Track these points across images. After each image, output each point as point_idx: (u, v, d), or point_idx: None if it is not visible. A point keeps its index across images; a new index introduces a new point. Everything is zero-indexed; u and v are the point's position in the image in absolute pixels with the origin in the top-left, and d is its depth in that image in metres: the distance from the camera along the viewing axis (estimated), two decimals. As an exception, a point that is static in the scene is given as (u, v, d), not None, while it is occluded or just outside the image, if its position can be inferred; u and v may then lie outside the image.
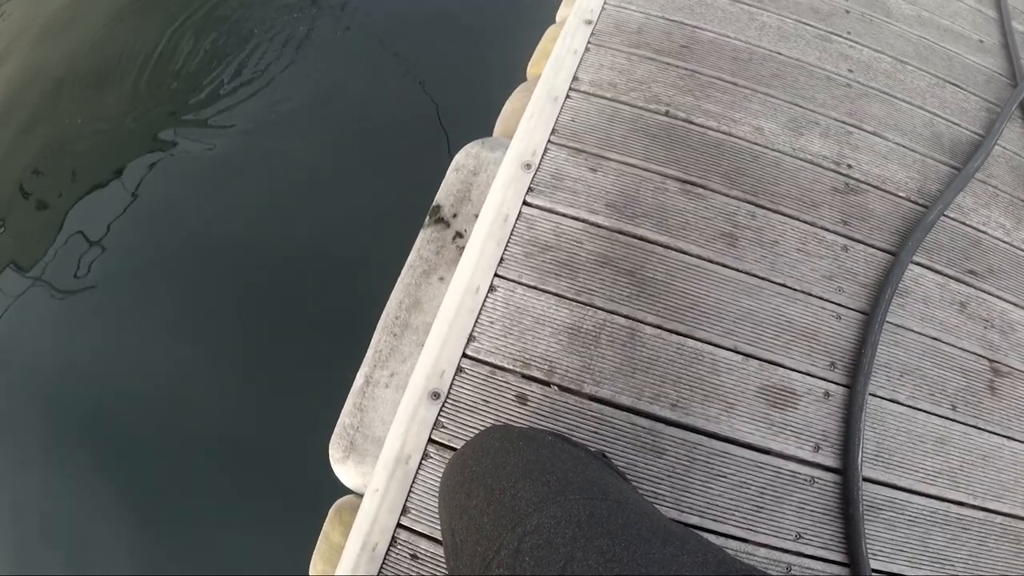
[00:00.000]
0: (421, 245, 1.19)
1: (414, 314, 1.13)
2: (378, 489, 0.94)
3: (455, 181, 1.24)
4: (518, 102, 1.34)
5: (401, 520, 0.91)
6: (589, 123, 1.18)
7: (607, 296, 1.02)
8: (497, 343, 0.99)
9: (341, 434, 1.06)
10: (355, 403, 1.08)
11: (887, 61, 1.43)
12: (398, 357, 1.09)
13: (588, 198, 1.10)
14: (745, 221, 1.11)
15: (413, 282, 1.15)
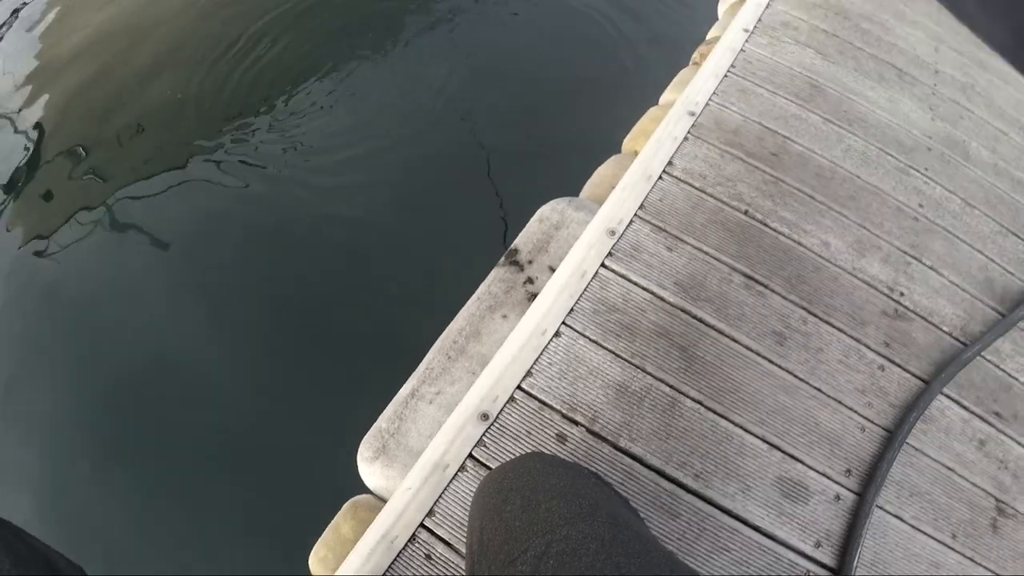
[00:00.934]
0: (492, 282, 1.31)
1: (472, 343, 1.24)
2: (411, 488, 1.05)
3: (537, 231, 1.36)
4: (609, 170, 1.47)
5: (425, 521, 1.01)
6: (675, 206, 1.30)
7: (658, 364, 1.13)
8: (551, 383, 1.11)
9: (376, 435, 1.17)
10: (396, 411, 1.18)
11: (957, 202, 1.52)
12: (447, 378, 1.21)
13: (660, 273, 1.22)
14: (797, 325, 1.21)
15: (477, 313, 1.27)
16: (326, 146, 2.37)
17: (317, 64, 2.64)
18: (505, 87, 2.44)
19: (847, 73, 1.69)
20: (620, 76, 2.39)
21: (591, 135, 1.96)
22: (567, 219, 1.36)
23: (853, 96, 1.62)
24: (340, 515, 1.15)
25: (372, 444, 1.17)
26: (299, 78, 2.61)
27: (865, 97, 1.63)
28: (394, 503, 1.05)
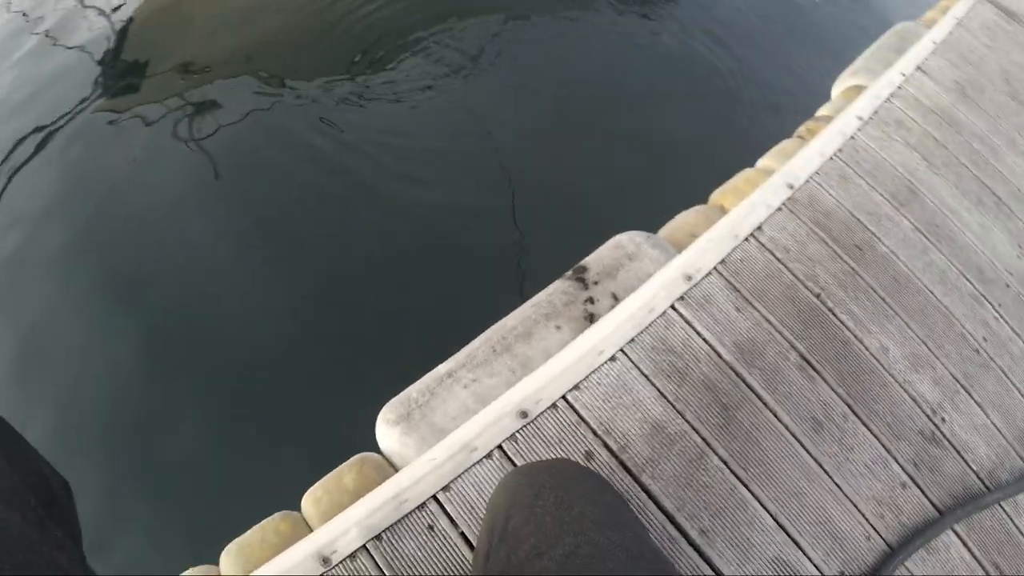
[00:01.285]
0: (554, 292, 1.33)
1: (520, 343, 1.27)
2: (435, 459, 1.08)
3: (609, 256, 1.38)
4: (691, 219, 1.48)
5: (439, 494, 1.05)
6: (753, 270, 1.32)
7: (697, 415, 1.15)
8: (594, 402, 1.13)
9: (404, 402, 1.19)
10: (429, 385, 1.21)
11: (1020, 346, 1.52)
12: (487, 370, 1.23)
13: (723, 330, 1.24)
14: (837, 418, 1.23)
15: (532, 317, 1.29)
16: (411, 128, 2.38)
17: (432, 38, 2.65)
18: (610, 108, 2.44)
19: (947, 187, 1.68)
20: (721, 130, 2.38)
21: (678, 178, 1.97)
22: (642, 253, 1.38)
23: (948, 212, 1.62)
24: (346, 465, 1.18)
25: (397, 409, 1.20)
26: (405, 47, 2.63)
27: (959, 216, 1.63)
28: (413, 469, 1.08)
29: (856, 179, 1.56)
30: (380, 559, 1.02)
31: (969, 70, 2.02)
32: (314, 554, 1.02)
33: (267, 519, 1.18)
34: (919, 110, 1.82)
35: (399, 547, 1.02)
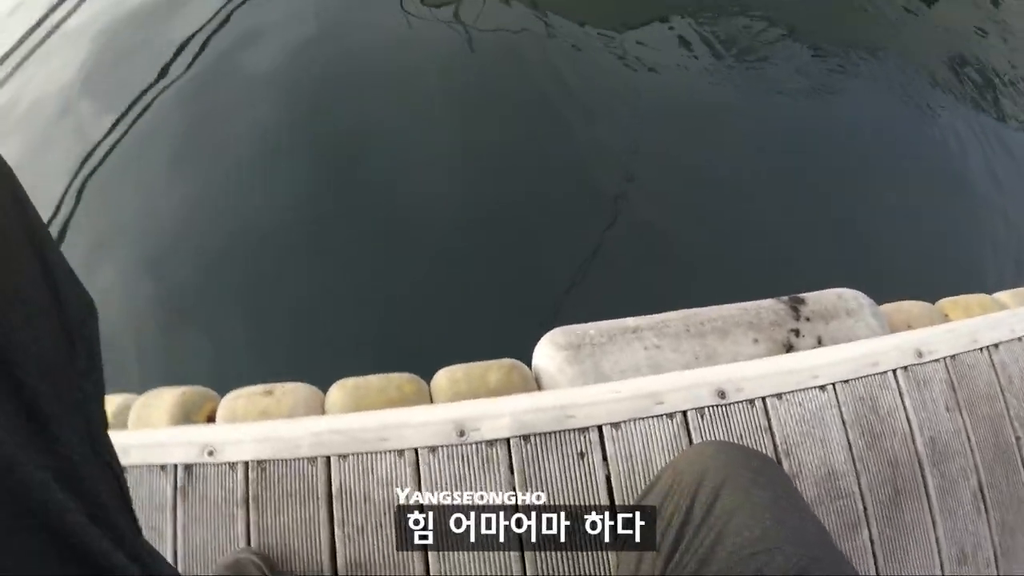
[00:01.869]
0: (765, 307, 1.28)
1: (713, 336, 1.22)
2: (618, 393, 1.06)
3: (829, 302, 1.31)
4: (914, 310, 1.39)
5: (606, 427, 1.03)
6: (975, 380, 1.24)
7: (870, 485, 1.11)
8: (789, 419, 1.09)
9: (580, 334, 1.16)
10: (611, 332, 1.18)
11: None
12: (673, 344, 1.19)
13: (927, 419, 1.18)
14: (981, 562, 1.18)
15: (735, 319, 1.24)
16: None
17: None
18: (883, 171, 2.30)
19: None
20: (973, 241, 2.23)
21: (912, 267, 1.89)
22: (861, 315, 1.31)
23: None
24: (496, 363, 1.16)
25: (570, 337, 1.17)
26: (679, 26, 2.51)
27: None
28: (592, 392, 1.06)
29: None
30: (516, 458, 1.01)
31: None
32: (452, 422, 1.01)
33: (394, 374, 1.17)
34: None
35: (542, 457, 1.01)
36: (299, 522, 1.00)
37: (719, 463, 0.71)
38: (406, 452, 1.01)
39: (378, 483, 1.01)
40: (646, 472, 1.02)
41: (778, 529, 0.59)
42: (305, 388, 1.14)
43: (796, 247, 1.99)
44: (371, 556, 0.99)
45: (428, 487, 1.00)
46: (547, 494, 1.00)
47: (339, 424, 1.02)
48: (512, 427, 1.01)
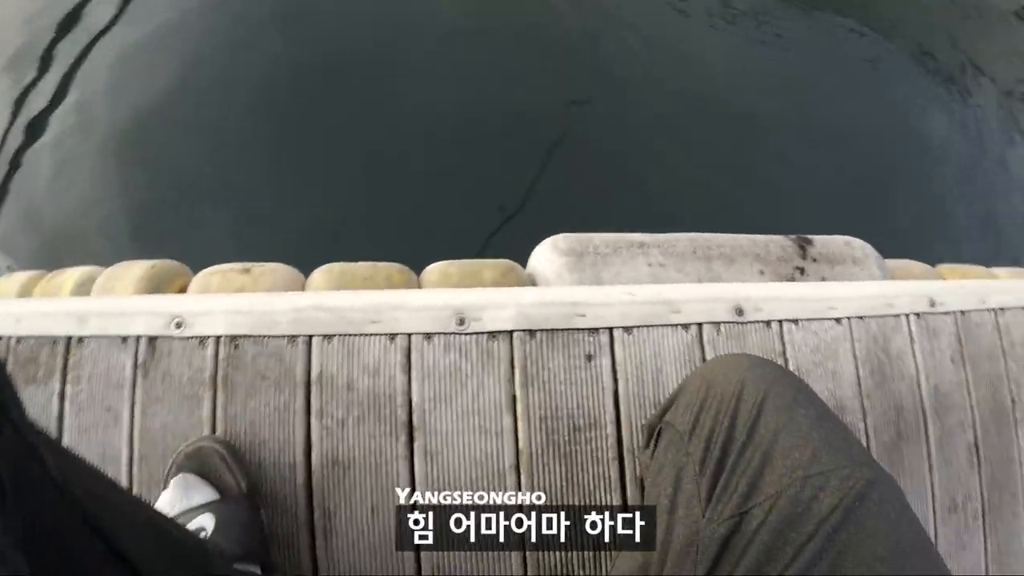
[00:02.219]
0: (773, 241, 1.27)
1: (719, 262, 1.20)
2: (633, 296, 1.02)
3: (836, 248, 1.31)
4: (915, 270, 1.42)
5: (617, 330, 0.98)
6: (980, 339, 1.24)
7: (875, 424, 1.09)
8: (803, 346, 1.07)
9: (583, 242, 1.12)
10: (616, 244, 1.14)
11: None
12: (678, 264, 1.16)
13: (934, 367, 1.17)
14: (969, 513, 1.17)
15: (743, 248, 1.22)
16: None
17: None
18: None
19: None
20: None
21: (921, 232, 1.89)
22: (867, 264, 1.30)
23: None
24: (492, 263, 1.12)
25: (573, 244, 1.12)
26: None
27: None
28: (607, 293, 1.02)
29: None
30: (519, 354, 0.95)
31: None
32: (452, 308, 0.94)
33: (383, 263, 1.10)
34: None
35: (547, 356, 0.95)
36: (272, 409, 0.89)
37: (757, 376, 0.68)
38: (398, 337, 0.93)
39: (364, 370, 0.92)
40: (655, 382, 0.98)
41: (828, 451, 0.56)
42: (286, 269, 1.05)
43: (808, 193, 1.98)
44: (351, 453, 0.90)
45: (420, 378, 0.92)
46: (548, 396, 0.94)
47: (326, 301, 0.94)
48: (517, 319, 0.94)
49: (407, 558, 0.89)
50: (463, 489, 0.91)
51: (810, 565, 0.50)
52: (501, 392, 0.94)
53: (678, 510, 0.63)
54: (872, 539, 0.50)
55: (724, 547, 0.55)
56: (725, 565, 0.55)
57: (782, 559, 0.51)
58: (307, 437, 0.90)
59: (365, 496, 0.90)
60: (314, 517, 0.89)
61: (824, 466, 0.54)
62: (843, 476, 0.53)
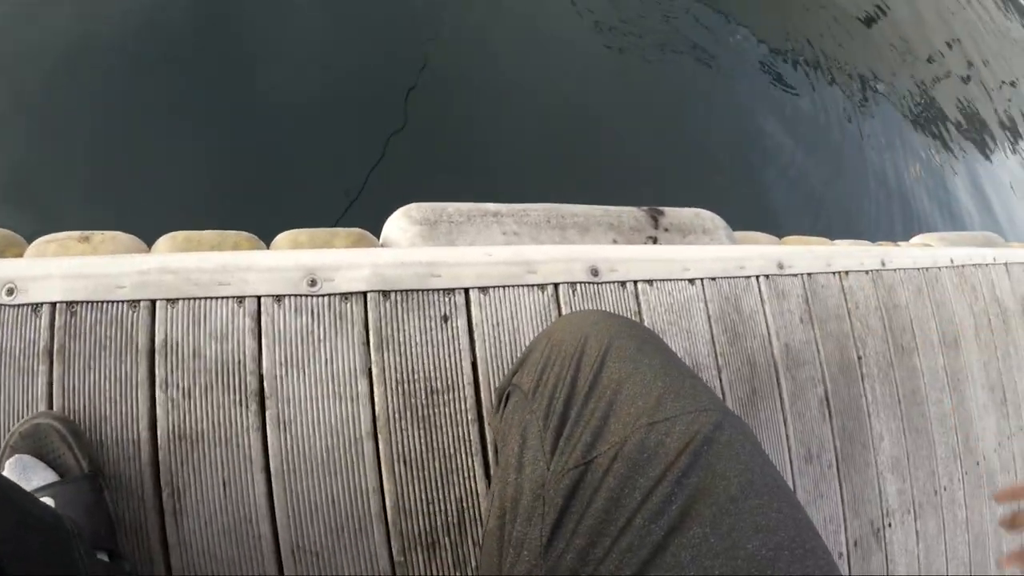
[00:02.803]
0: (626, 212, 1.31)
1: (573, 231, 1.21)
2: (491, 256, 1.03)
3: (687, 219, 1.37)
4: (762, 239, 1.49)
5: (473, 290, 0.99)
6: (827, 300, 1.34)
7: (731, 380, 1.15)
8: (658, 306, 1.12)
9: (437, 212, 1.12)
10: (471, 214, 1.14)
11: (963, 514, 1.61)
12: (532, 233, 1.18)
13: (783, 326, 1.25)
14: (824, 462, 1.25)
15: (597, 218, 1.25)
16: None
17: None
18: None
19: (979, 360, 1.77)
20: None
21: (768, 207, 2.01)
22: (716, 235, 1.37)
23: (970, 377, 1.70)
24: (344, 231, 1.09)
25: (427, 214, 1.12)
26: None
27: (974, 387, 1.71)
28: (462, 253, 1.02)
29: (926, 299, 1.62)
30: (373, 316, 0.94)
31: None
32: (304, 269, 0.92)
33: (231, 231, 1.06)
34: (990, 291, 1.91)
35: (402, 317, 0.94)
36: (113, 381, 0.83)
37: (601, 330, 0.68)
38: (247, 300, 0.90)
39: (211, 336, 0.88)
40: (513, 342, 0.99)
41: (673, 397, 0.56)
42: (128, 237, 0.99)
43: (667, 168, 2.09)
44: (199, 425, 0.86)
45: (270, 343, 0.90)
46: (404, 358, 0.94)
47: (170, 263, 0.89)
48: (371, 280, 0.93)
49: (265, 536, 0.86)
50: (319, 458, 0.89)
51: (660, 510, 0.49)
52: (355, 356, 0.92)
53: (525, 468, 0.62)
54: (723, 480, 0.49)
55: (570, 498, 0.54)
56: (572, 515, 0.54)
57: (630, 505, 0.50)
58: (151, 410, 0.84)
59: (216, 471, 0.86)
60: (162, 497, 0.84)
61: (669, 412, 0.54)
62: (688, 420, 0.53)
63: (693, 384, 0.59)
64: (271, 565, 0.85)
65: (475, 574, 0.93)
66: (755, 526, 0.46)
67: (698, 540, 0.46)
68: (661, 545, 0.47)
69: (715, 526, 0.46)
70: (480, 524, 0.95)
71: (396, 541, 0.90)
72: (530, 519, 0.57)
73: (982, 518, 1.67)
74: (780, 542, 0.45)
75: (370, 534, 0.90)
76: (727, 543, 0.45)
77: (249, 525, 0.86)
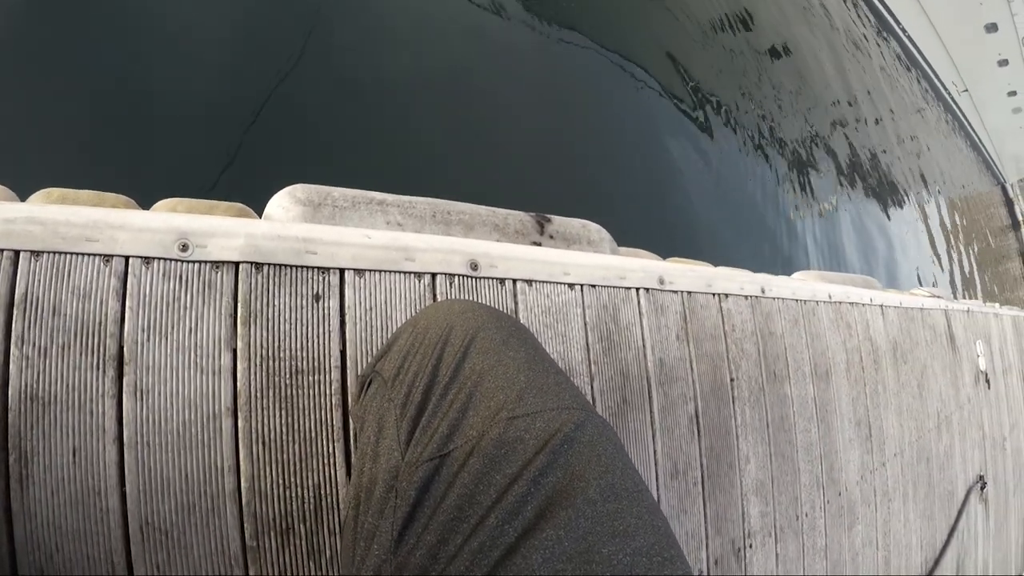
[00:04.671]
0: (512, 215, 1.34)
1: (458, 227, 1.20)
2: (369, 239, 1.02)
3: (574, 230, 1.42)
4: (646, 256, 1.61)
5: (349, 271, 1.01)
6: (704, 320, 1.44)
7: (602, 389, 1.21)
8: (535, 307, 1.15)
9: (322, 194, 1.13)
10: (356, 198, 1.15)
11: (822, 542, 1.74)
12: (416, 226, 1.19)
13: (659, 341, 1.33)
14: (690, 479, 1.33)
15: (482, 218, 1.28)
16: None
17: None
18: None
19: (848, 394, 1.93)
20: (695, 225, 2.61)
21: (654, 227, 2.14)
22: (602, 247, 1.43)
23: (838, 410, 1.86)
24: (225, 204, 1.06)
25: (311, 194, 1.12)
26: None
27: (841, 420, 1.87)
28: (341, 232, 1.02)
29: (802, 331, 1.76)
30: (243, 287, 0.94)
31: (905, 341, 2.37)
32: (177, 232, 0.91)
33: (109, 193, 1.05)
34: (864, 330, 2.10)
35: (273, 292, 0.95)
36: None
37: (467, 320, 0.69)
38: (114, 259, 0.88)
39: (73, 293, 0.86)
40: (384, 328, 1.02)
41: (535, 393, 0.57)
42: (1, 188, 0.98)
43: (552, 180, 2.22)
44: (52, 387, 0.84)
45: (134, 306, 0.89)
46: (271, 334, 0.95)
47: (39, 213, 0.86)
48: (244, 251, 0.94)
49: (113, 509, 0.84)
50: (175, 432, 0.88)
51: (515, 510, 0.49)
52: (222, 328, 0.92)
53: (380, 458, 0.62)
54: (581, 482, 0.50)
55: (423, 491, 0.54)
56: (424, 510, 0.54)
57: (484, 502, 0.50)
58: (4, 366, 0.81)
59: (66, 438, 0.83)
60: (8, 461, 0.80)
61: (530, 407, 0.55)
62: (550, 417, 0.54)
63: (558, 381, 0.60)
64: (118, 540, 0.82)
65: (329, 564, 0.94)
66: (612, 531, 0.47)
67: (551, 542, 0.47)
68: (513, 546, 0.47)
69: (570, 529, 0.47)
70: (338, 512, 0.96)
71: (249, 524, 0.90)
72: (382, 511, 0.58)
73: (840, 547, 1.81)
74: (638, 548, 0.46)
75: (223, 515, 0.89)
76: (582, 546, 0.46)
77: (97, 497, 0.83)
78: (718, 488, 1.39)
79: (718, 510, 1.40)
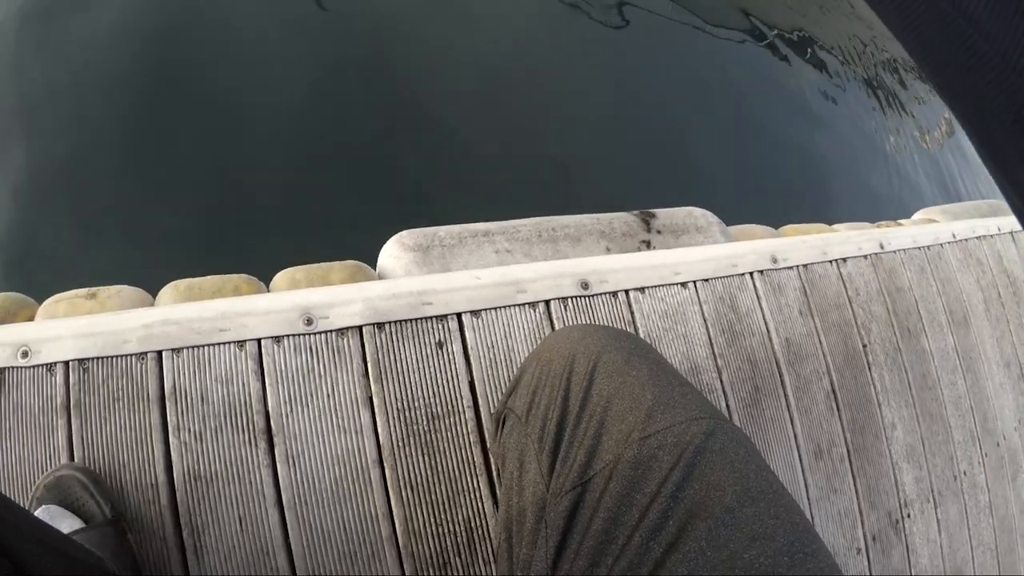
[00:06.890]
0: (617, 218, 1.39)
1: (565, 242, 1.28)
2: (480, 280, 1.09)
3: (680, 219, 1.44)
4: (759, 232, 1.57)
5: (466, 315, 1.07)
6: (826, 289, 1.41)
7: (732, 381, 1.22)
8: (652, 313, 1.19)
9: (429, 236, 1.20)
10: (461, 233, 1.22)
11: (985, 498, 1.68)
12: (524, 248, 1.25)
13: (783, 321, 1.31)
14: (835, 457, 1.32)
15: (588, 228, 1.32)
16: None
17: None
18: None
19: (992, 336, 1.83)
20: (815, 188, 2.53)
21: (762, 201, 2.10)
22: (710, 232, 1.44)
23: (983, 355, 1.77)
24: (339, 264, 1.17)
25: (418, 239, 1.19)
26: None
27: (989, 365, 1.78)
28: (451, 279, 1.09)
29: (931, 278, 1.70)
30: (370, 348, 1.02)
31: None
32: (299, 309, 1.00)
33: (231, 275, 1.16)
34: (997, 263, 1.99)
35: (397, 347, 1.02)
36: (128, 429, 0.92)
37: (588, 346, 0.71)
38: (247, 344, 0.98)
39: (217, 380, 0.97)
40: (508, 362, 1.07)
41: (662, 409, 0.59)
42: (132, 290, 1.09)
43: (651, 171, 2.19)
44: (212, 466, 0.94)
45: (273, 383, 0.98)
46: (403, 387, 1.02)
47: (172, 314, 0.98)
48: (365, 314, 1.01)
49: (282, 567, 0.94)
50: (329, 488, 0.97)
51: (657, 527, 0.51)
52: (356, 388, 1.00)
53: (525, 491, 0.65)
54: (718, 491, 0.51)
55: (570, 519, 0.57)
56: (574, 537, 0.56)
57: (628, 522, 0.53)
58: (167, 454, 0.93)
59: (232, 508, 0.94)
60: (183, 536, 0.92)
61: (659, 425, 0.57)
62: (679, 432, 0.55)
63: (683, 392, 0.62)
64: (290, 594, 0.93)
65: None
66: (752, 535, 0.48)
67: (695, 554, 0.49)
68: (660, 562, 0.50)
69: (711, 539, 0.49)
70: (490, 543, 1.03)
71: (408, 564, 0.98)
72: (534, 542, 0.61)
73: (1006, 501, 1.75)
74: (779, 548, 0.48)
75: (382, 558, 0.98)
76: (724, 554, 0.48)
77: (267, 557, 0.94)
78: (867, 461, 1.38)
79: (869, 484, 1.38)
